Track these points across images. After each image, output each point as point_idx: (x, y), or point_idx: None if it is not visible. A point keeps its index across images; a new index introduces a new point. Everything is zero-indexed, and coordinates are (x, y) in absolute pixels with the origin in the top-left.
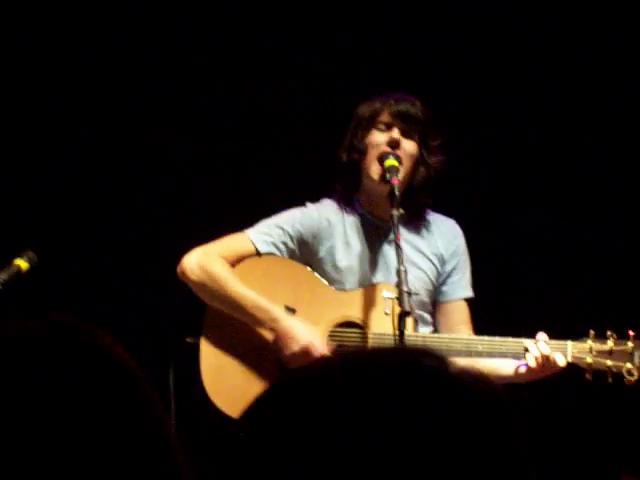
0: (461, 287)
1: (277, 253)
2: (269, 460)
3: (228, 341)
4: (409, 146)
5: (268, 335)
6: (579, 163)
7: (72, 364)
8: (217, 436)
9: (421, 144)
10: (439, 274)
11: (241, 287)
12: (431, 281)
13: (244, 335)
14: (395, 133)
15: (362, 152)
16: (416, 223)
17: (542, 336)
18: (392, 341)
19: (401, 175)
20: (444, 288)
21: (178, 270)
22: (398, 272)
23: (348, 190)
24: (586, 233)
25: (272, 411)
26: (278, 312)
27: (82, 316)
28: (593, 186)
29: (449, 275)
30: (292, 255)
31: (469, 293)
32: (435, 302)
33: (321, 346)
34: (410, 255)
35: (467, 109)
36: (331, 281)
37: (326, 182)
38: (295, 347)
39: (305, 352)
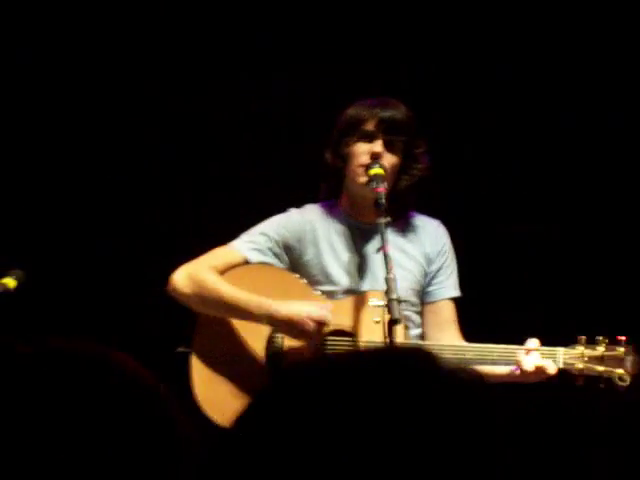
0: (448, 287)
1: (264, 260)
2: (261, 464)
3: (219, 351)
4: (391, 159)
5: (266, 328)
6: (573, 166)
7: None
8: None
9: (404, 153)
10: (425, 274)
11: (232, 289)
12: (418, 282)
13: (235, 346)
14: (377, 147)
15: (346, 159)
16: (401, 224)
17: (533, 343)
18: None
19: (385, 184)
20: (431, 288)
21: (169, 287)
22: (387, 280)
23: (332, 192)
24: (580, 237)
25: (263, 415)
26: (271, 303)
27: (70, 329)
28: (587, 190)
29: (435, 275)
30: (279, 260)
31: (456, 292)
32: (422, 302)
33: (322, 310)
34: (396, 257)
35: (459, 108)
36: (318, 285)
37: (308, 189)
38: (305, 325)
39: (315, 323)
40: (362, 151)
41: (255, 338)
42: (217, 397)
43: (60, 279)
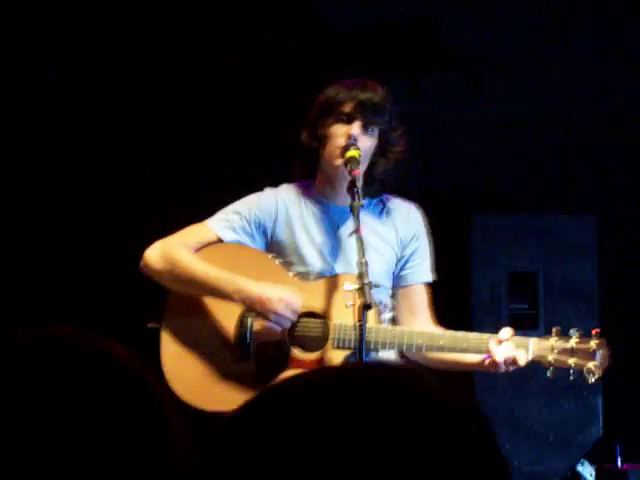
0: (421, 271)
1: (238, 239)
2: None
3: (189, 328)
4: (367, 142)
5: (237, 307)
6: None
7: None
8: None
9: (382, 136)
10: (399, 258)
11: (204, 265)
12: (391, 265)
13: (205, 323)
14: (355, 129)
15: (323, 140)
16: (376, 207)
17: (505, 333)
18: (353, 333)
19: (361, 166)
20: (404, 272)
21: (141, 264)
22: (360, 264)
23: (307, 173)
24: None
25: (251, 427)
26: (243, 281)
27: (42, 304)
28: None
29: (409, 259)
30: (252, 240)
31: (429, 277)
32: (395, 286)
33: (296, 297)
34: (370, 240)
35: None
36: (292, 266)
37: (284, 168)
38: (277, 306)
39: (287, 306)
40: (339, 133)
41: (225, 316)
42: (183, 373)
43: (32, 254)
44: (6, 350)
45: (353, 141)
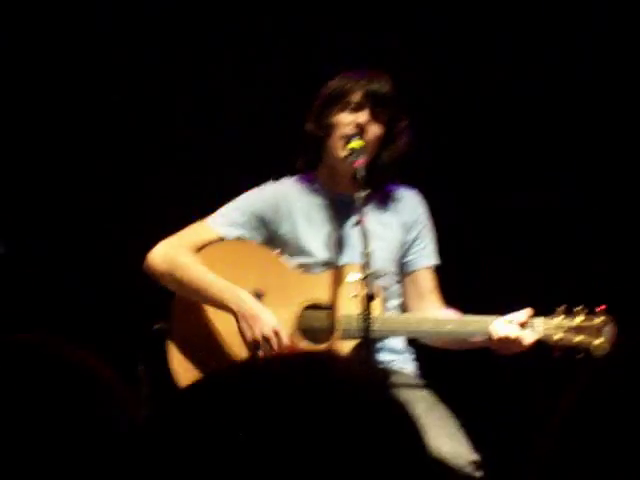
0: (425, 255)
1: (240, 234)
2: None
3: (197, 327)
4: (375, 130)
5: (232, 317)
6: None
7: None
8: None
9: (388, 126)
10: (403, 243)
11: (206, 272)
12: (397, 251)
13: (214, 321)
14: (362, 117)
15: (328, 130)
16: (379, 196)
17: (512, 315)
18: (359, 323)
19: (365, 157)
20: (409, 258)
21: (144, 266)
22: (364, 255)
23: (310, 164)
24: (561, 208)
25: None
26: (244, 293)
27: (48, 304)
28: (564, 159)
29: (413, 244)
30: (255, 234)
31: (434, 261)
32: (402, 273)
33: (285, 335)
34: (375, 228)
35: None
36: (296, 259)
37: (284, 164)
38: (262, 330)
39: (269, 338)
40: (346, 121)
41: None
42: (192, 372)
43: (39, 255)
44: None
45: (360, 130)
